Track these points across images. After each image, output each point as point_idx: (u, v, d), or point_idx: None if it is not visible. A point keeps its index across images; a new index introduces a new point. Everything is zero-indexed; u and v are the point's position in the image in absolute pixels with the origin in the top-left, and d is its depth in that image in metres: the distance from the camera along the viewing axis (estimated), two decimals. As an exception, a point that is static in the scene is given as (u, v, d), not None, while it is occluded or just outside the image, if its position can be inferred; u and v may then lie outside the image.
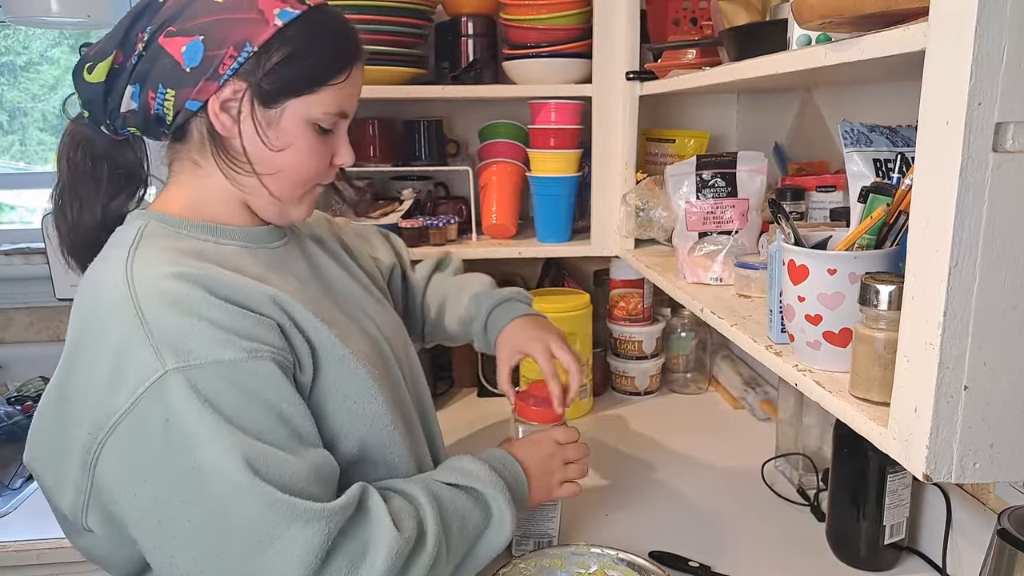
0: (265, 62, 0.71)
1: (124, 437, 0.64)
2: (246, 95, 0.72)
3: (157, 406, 0.63)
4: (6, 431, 1.33)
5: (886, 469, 0.94)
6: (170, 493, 0.64)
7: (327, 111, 0.76)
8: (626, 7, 1.32)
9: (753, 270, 0.97)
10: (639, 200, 1.26)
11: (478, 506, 0.81)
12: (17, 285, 1.71)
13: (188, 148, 0.78)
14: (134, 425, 0.64)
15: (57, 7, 1.44)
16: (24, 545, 1.10)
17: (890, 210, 0.66)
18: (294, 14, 0.72)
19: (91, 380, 0.66)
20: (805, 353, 0.72)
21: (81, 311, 0.71)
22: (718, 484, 1.21)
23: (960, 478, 0.54)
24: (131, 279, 0.68)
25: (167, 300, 0.66)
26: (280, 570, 0.64)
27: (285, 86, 0.73)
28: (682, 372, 1.62)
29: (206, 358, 0.65)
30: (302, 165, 0.77)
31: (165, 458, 0.64)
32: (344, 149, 0.81)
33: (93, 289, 0.71)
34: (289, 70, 0.72)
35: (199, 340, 0.65)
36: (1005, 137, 0.48)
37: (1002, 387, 0.52)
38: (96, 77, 0.74)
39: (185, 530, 0.64)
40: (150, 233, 0.74)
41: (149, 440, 0.64)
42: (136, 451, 0.65)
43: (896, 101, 1.03)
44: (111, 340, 0.66)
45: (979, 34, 0.46)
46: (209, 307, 0.67)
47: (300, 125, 0.75)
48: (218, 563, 0.64)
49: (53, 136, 1.82)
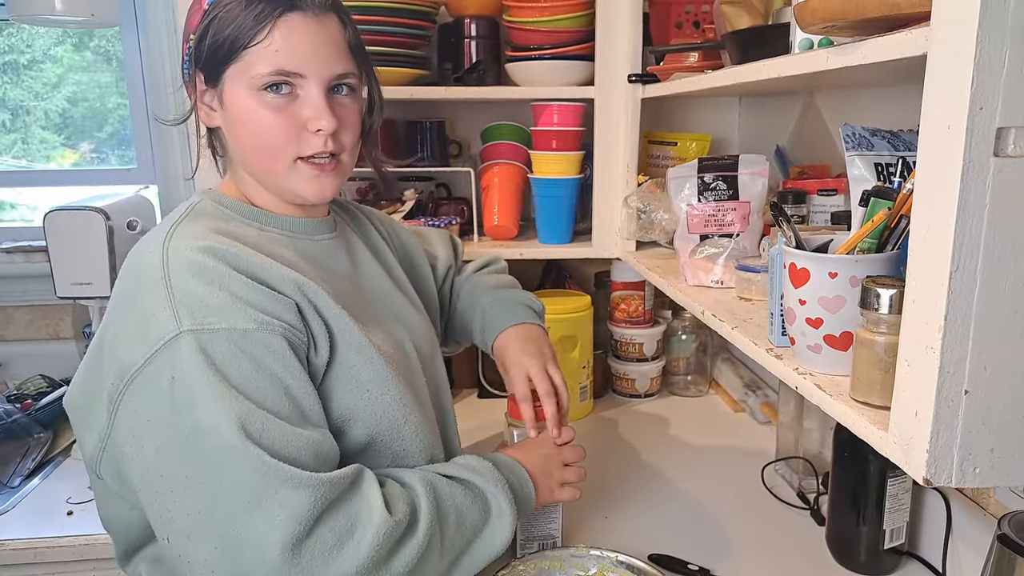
0: (201, 44, 0.77)
1: (137, 390, 0.68)
2: (199, 80, 0.79)
3: (167, 363, 0.67)
4: (5, 429, 1.33)
5: (886, 473, 0.94)
6: (171, 448, 0.67)
7: (259, 72, 0.75)
8: (628, 10, 1.32)
9: (754, 273, 0.97)
10: (640, 202, 1.26)
11: (477, 502, 0.81)
12: (18, 283, 1.71)
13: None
14: (146, 380, 0.68)
15: (61, 5, 1.45)
16: (22, 544, 1.10)
17: (891, 214, 0.66)
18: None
19: (120, 334, 0.71)
20: (806, 356, 0.72)
21: (124, 272, 0.77)
22: (718, 487, 1.21)
23: (960, 482, 0.54)
24: (166, 249, 0.73)
25: (192, 269, 0.71)
26: (265, 532, 0.65)
27: (215, 59, 0.76)
28: (683, 375, 1.62)
29: (220, 324, 0.68)
30: (256, 133, 0.78)
31: (169, 414, 0.67)
32: (312, 112, 0.77)
33: (137, 254, 0.77)
34: (214, 43, 0.76)
35: (216, 308, 0.69)
36: (1006, 142, 0.48)
37: (1003, 391, 0.52)
38: None
39: (181, 486, 0.67)
40: (200, 211, 0.80)
41: (157, 395, 0.68)
42: (146, 405, 0.68)
43: (898, 105, 1.03)
44: (141, 300, 0.71)
45: (981, 39, 0.46)
46: (230, 280, 0.71)
47: (243, 94, 0.76)
48: (209, 521, 0.66)
49: (55, 134, 1.83)
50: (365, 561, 0.67)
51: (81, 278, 1.34)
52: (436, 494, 0.77)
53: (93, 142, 1.84)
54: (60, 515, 1.17)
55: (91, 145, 1.84)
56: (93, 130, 1.83)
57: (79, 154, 1.85)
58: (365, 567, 0.68)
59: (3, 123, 1.79)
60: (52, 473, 1.30)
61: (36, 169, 1.83)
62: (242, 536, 0.65)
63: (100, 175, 1.81)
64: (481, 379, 1.59)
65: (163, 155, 1.72)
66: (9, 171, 1.82)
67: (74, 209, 1.33)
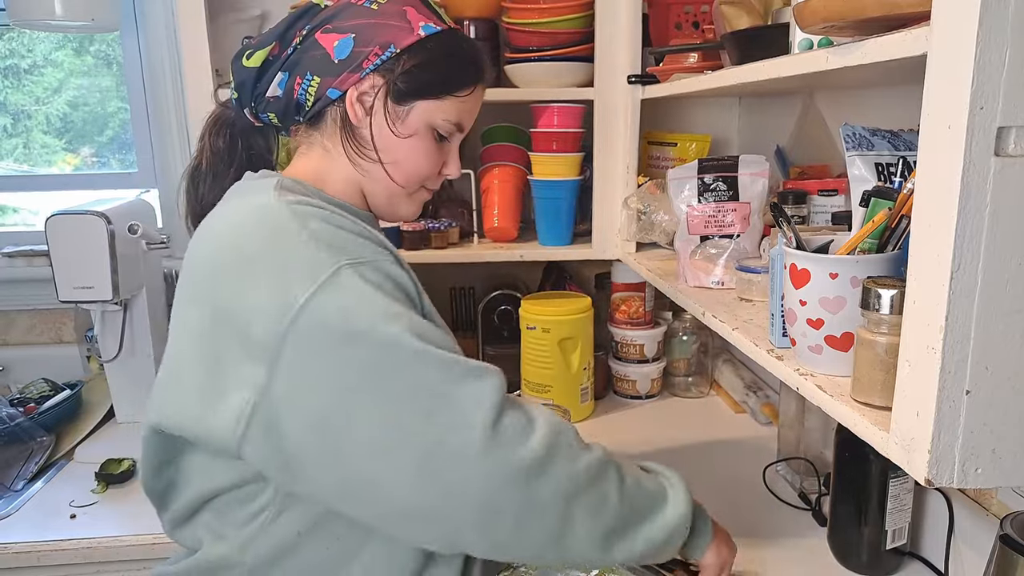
0: (404, 64, 0.81)
1: (304, 331, 0.67)
2: (382, 90, 0.82)
3: (333, 296, 0.68)
4: (8, 433, 1.33)
5: (888, 474, 0.94)
6: (358, 378, 0.67)
7: (447, 118, 0.85)
8: (628, 11, 1.32)
9: (755, 274, 0.97)
10: (641, 204, 1.26)
11: (654, 482, 0.81)
12: (20, 287, 1.71)
13: (320, 133, 0.86)
14: (313, 316, 0.67)
15: (61, 10, 1.45)
16: (25, 547, 1.10)
17: (892, 214, 0.66)
18: (436, 29, 0.83)
19: (256, 287, 0.69)
20: (807, 357, 0.72)
21: (225, 235, 0.75)
22: (719, 488, 1.21)
23: (962, 483, 0.54)
24: (286, 205, 0.75)
25: (320, 217, 0.74)
26: (464, 420, 0.67)
27: (417, 88, 0.83)
28: (683, 376, 1.62)
29: (368, 257, 0.73)
30: (418, 160, 0.86)
31: (348, 345, 0.67)
32: (454, 162, 0.90)
33: (244, 213, 0.76)
34: (423, 75, 0.82)
35: (358, 245, 0.74)
36: (1007, 141, 0.48)
37: (1004, 392, 0.52)
38: (253, 63, 0.83)
39: (368, 408, 0.67)
40: (286, 186, 0.81)
41: (330, 330, 0.67)
42: (318, 343, 0.67)
43: (898, 105, 1.03)
44: (277, 247, 0.71)
45: (981, 38, 0.46)
46: (353, 227, 0.76)
47: (422, 126, 0.84)
48: (407, 429, 0.67)
49: (56, 139, 1.83)
50: (548, 448, 0.70)
51: (83, 282, 1.34)
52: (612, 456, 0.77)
53: (94, 146, 1.84)
54: (63, 518, 1.17)
55: (92, 149, 1.85)
56: (94, 134, 1.83)
57: (80, 158, 1.85)
58: (549, 454, 0.70)
59: (4, 128, 1.80)
60: (55, 477, 1.30)
61: (37, 174, 1.83)
62: (443, 431, 0.67)
63: (101, 179, 1.81)
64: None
65: (164, 159, 1.72)
66: (10, 176, 1.82)
67: (75, 213, 1.33)
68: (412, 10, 0.83)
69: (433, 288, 1.14)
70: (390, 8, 0.82)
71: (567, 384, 1.46)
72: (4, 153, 1.81)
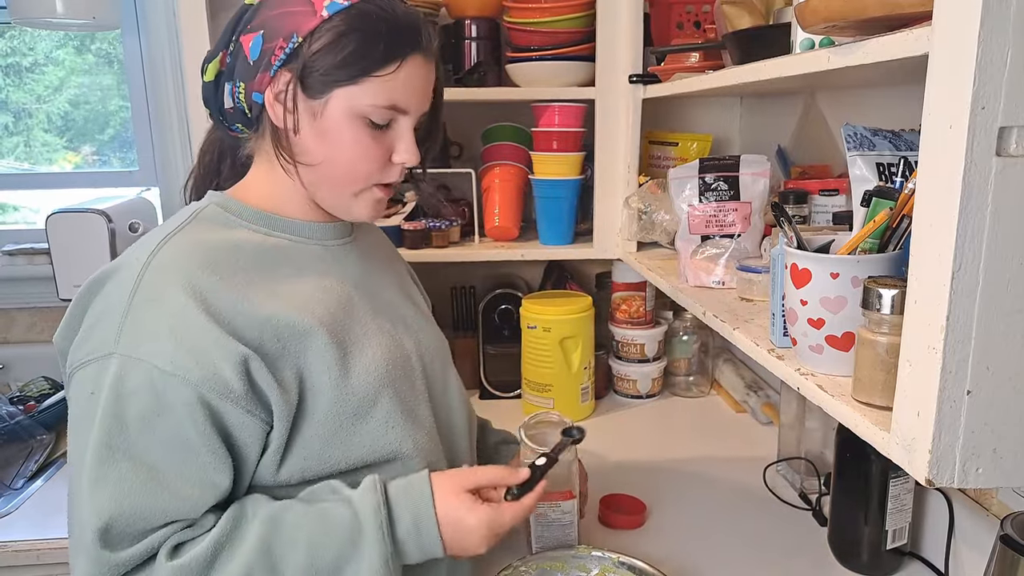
0: (308, 51, 0.73)
1: (73, 387, 0.73)
2: (291, 84, 0.74)
3: (93, 376, 0.70)
4: (8, 431, 1.33)
5: (888, 474, 0.94)
6: (71, 453, 0.72)
7: (375, 103, 0.75)
8: (629, 10, 1.32)
9: (756, 274, 0.97)
10: (642, 203, 1.26)
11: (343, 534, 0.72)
12: (20, 285, 1.71)
13: (263, 141, 0.80)
14: (77, 382, 0.72)
15: (62, 9, 1.45)
16: (25, 545, 1.10)
17: (893, 214, 0.66)
18: (342, 5, 0.73)
19: (86, 323, 0.74)
20: (807, 357, 0.72)
21: (112, 265, 0.77)
22: (720, 488, 1.21)
23: (963, 483, 0.53)
24: (149, 262, 0.73)
25: (154, 295, 0.71)
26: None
27: (326, 75, 0.73)
28: (684, 375, 1.62)
29: (145, 356, 0.68)
30: (350, 156, 0.77)
31: (78, 424, 0.71)
32: (404, 147, 0.79)
33: (128, 255, 0.77)
34: (330, 58, 0.73)
35: (152, 338, 0.69)
36: (1008, 141, 0.48)
37: (1005, 392, 0.52)
38: (208, 77, 0.79)
39: (70, 493, 0.71)
40: (203, 217, 0.79)
41: (79, 401, 0.71)
42: (73, 403, 0.73)
43: (899, 105, 1.03)
44: (107, 300, 0.73)
45: (982, 38, 0.46)
46: (184, 316, 0.70)
47: (346, 117, 0.75)
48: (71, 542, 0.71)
49: (58, 137, 1.83)
50: None
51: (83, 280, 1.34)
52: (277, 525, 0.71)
53: (95, 145, 1.84)
54: (63, 517, 1.14)
55: (93, 148, 1.85)
56: (95, 133, 1.83)
57: (81, 157, 1.85)
58: None
59: (5, 126, 1.80)
60: (55, 475, 1.30)
61: (38, 172, 1.83)
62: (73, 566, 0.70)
63: (102, 177, 1.81)
64: (483, 380, 1.59)
65: (164, 157, 1.72)
66: (11, 174, 1.82)
67: (76, 211, 1.34)
68: None
69: (434, 287, 1.15)
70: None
71: (567, 383, 1.46)
72: (5, 151, 1.81)
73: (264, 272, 0.77)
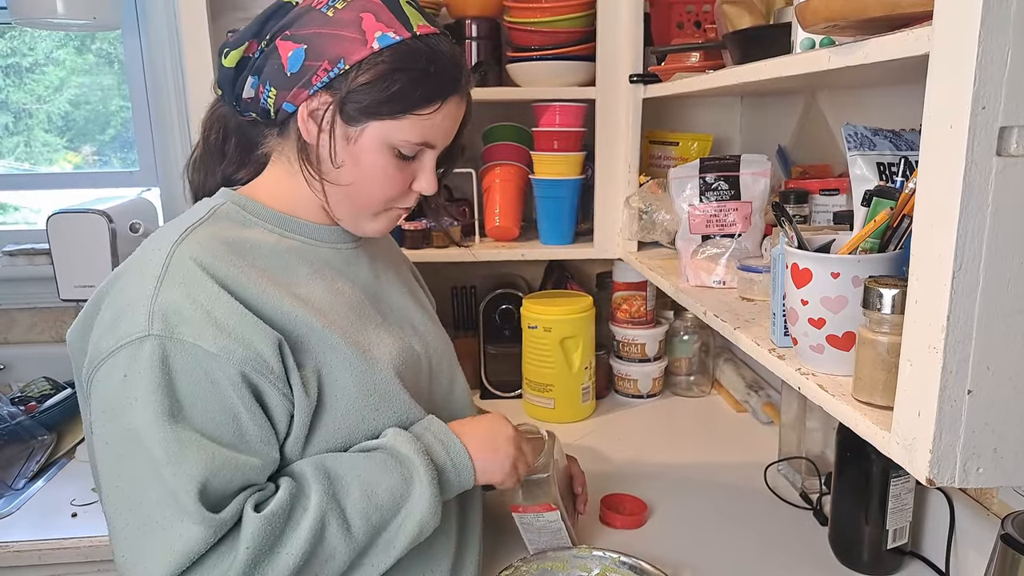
0: (354, 81, 0.74)
1: (100, 379, 0.71)
2: (331, 108, 0.75)
3: (126, 361, 0.69)
4: (9, 432, 1.33)
5: (889, 473, 0.94)
6: (109, 443, 0.70)
7: (407, 139, 0.77)
8: (629, 10, 1.32)
9: (756, 273, 0.97)
10: (642, 203, 1.26)
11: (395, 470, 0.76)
12: (21, 286, 1.71)
13: (287, 145, 0.82)
14: (107, 370, 0.70)
15: (63, 9, 1.45)
16: (26, 545, 1.10)
17: (894, 214, 0.66)
18: (393, 40, 0.74)
19: (103, 318, 0.74)
20: (808, 356, 0.72)
21: (131, 258, 0.78)
22: (720, 487, 1.21)
23: (964, 483, 0.53)
24: (173, 251, 0.74)
25: (186, 280, 0.72)
26: (158, 556, 0.66)
27: (367, 107, 0.75)
28: (685, 375, 1.62)
29: (188, 338, 0.69)
30: (375, 183, 0.79)
31: (113, 410, 0.70)
32: (425, 177, 0.82)
33: (147, 246, 0.78)
34: (375, 93, 0.74)
35: (191, 321, 0.70)
36: (1009, 141, 0.48)
37: (1005, 391, 0.52)
38: (229, 63, 0.79)
39: (112, 482, 0.70)
40: (220, 215, 0.80)
41: (110, 388, 0.70)
42: (102, 394, 0.71)
43: (900, 104, 1.03)
44: (128, 292, 0.73)
45: (983, 38, 0.46)
46: (217, 300, 0.72)
47: (378, 147, 0.77)
48: (124, 524, 0.68)
49: (58, 137, 1.83)
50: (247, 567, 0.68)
51: (84, 281, 1.35)
52: (328, 473, 0.74)
53: (95, 145, 1.84)
54: (64, 517, 1.17)
55: (93, 148, 1.85)
56: (95, 133, 1.83)
57: (81, 157, 1.85)
58: None
59: (6, 126, 1.80)
60: (56, 475, 1.30)
61: (39, 172, 1.83)
62: (140, 551, 0.67)
63: (102, 178, 1.81)
64: (484, 380, 1.59)
65: (165, 157, 1.72)
66: (12, 174, 1.82)
67: (77, 212, 1.34)
68: (370, 17, 0.74)
69: (434, 287, 1.15)
70: (346, 16, 0.74)
71: (568, 383, 1.46)
72: (6, 151, 1.81)
73: (281, 271, 0.79)
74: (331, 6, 0.75)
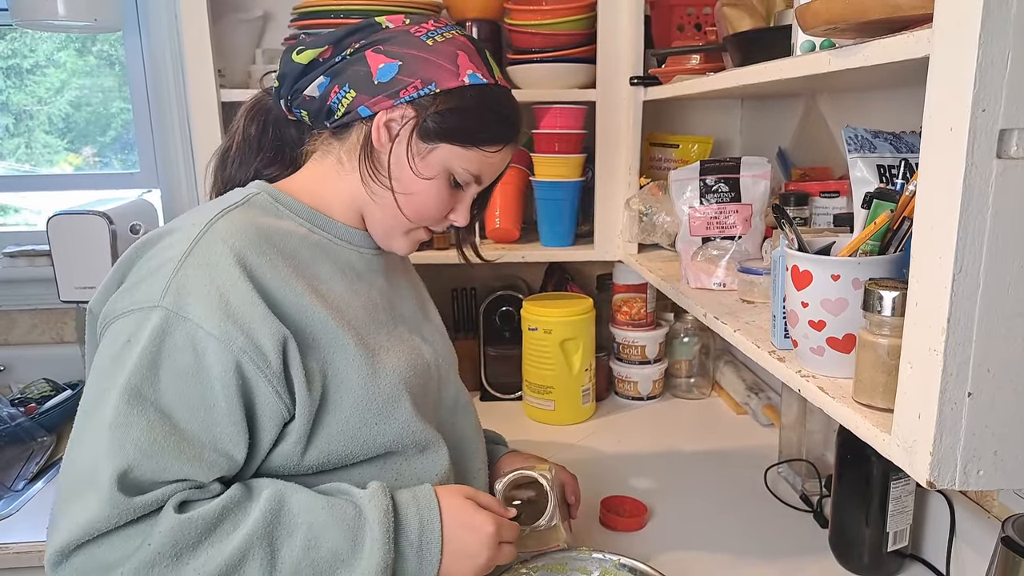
0: (439, 104, 0.80)
1: (108, 336, 0.74)
2: (411, 122, 0.81)
3: (133, 325, 0.71)
4: (9, 433, 1.33)
5: (889, 475, 0.94)
6: (90, 396, 0.72)
7: (467, 168, 0.84)
8: (630, 13, 1.32)
9: (757, 275, 0.97)
10: (643, 205, 1.26)
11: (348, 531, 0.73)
12: (21, 287, 1.71)
13: (340, 145, 0.85)
14: (115, 331, 0.73)
15: (64, 11, 1.45)
16: (26, 547, 1.10)
17: (894, 216, 0.66)
18: (481, 81, 0.82)
19: (129, 280, 0.76)
20: (808, 359, 0.72)
21: (167, 228, 0.80)
22: (721, 489, 1.21)
23: (964, 485, 0.53)
24: (206, 229, 0.76)
25: (208, 261, 0.74)
26: (67, 522, 0.67)
27: (445, 130, 0.81)
28: (685, 377, 1.62)
29: (191, 315, 0.71)
30: (428, 199, 0.84)
31: (106, 370, 0.71)
32: (463, 210, 0.88)
33: (184, 219, 0.81)
34: (455, 120, 0.81)
35: (201, 300, 0.71)
36: (1009, 143, 0.48)
37: (1006, 394, 0.52)
38: (302, 59, 0.83)
39: (74, 431, 0.72)
40: (255, 203, 0.83)
41: (113, 349, 0.72)
42: (103, 352, 0.73)
43: (900, 107, 1.03)
44: (156, 259, 0.76)
45: (983, 40, 0.46)
46: (234, 286, 0.73)
47: (440, 168, 0.83)
48: (63, 480, 0.70)
49: (59, 138, 1.83)
50: None
51: (84, 282, 1.35)
52: (282, 504, 0.72)
53: (96, 146, 1.85)
54: (63, 519, 1.17)
55: (94, 149, 1.85)
56: (96, 134, 1.84)
57: (82, 158, 1.85)
58: None
59: (6, 128, 1.80)
60: (56, 477, 1.30)
61: (39, 173, 1.83)
62: (59, 510, 0.68)
63: (103, 179, 1.81)
64: (484, 382, 1.59)
65: (166, 159, 1.72)
66: (12, 175, 1.82)
67: (77, 213, 1.34)
68: (465, 56, 0.82)
69: (435, 288, 1.15)
70: (445, 48, 0.82)
71: (568, 385, 1.46)
72: (6, 153, 1.82)
73: (306, 266, 0.81)
74: (431, 37, 0.82)
